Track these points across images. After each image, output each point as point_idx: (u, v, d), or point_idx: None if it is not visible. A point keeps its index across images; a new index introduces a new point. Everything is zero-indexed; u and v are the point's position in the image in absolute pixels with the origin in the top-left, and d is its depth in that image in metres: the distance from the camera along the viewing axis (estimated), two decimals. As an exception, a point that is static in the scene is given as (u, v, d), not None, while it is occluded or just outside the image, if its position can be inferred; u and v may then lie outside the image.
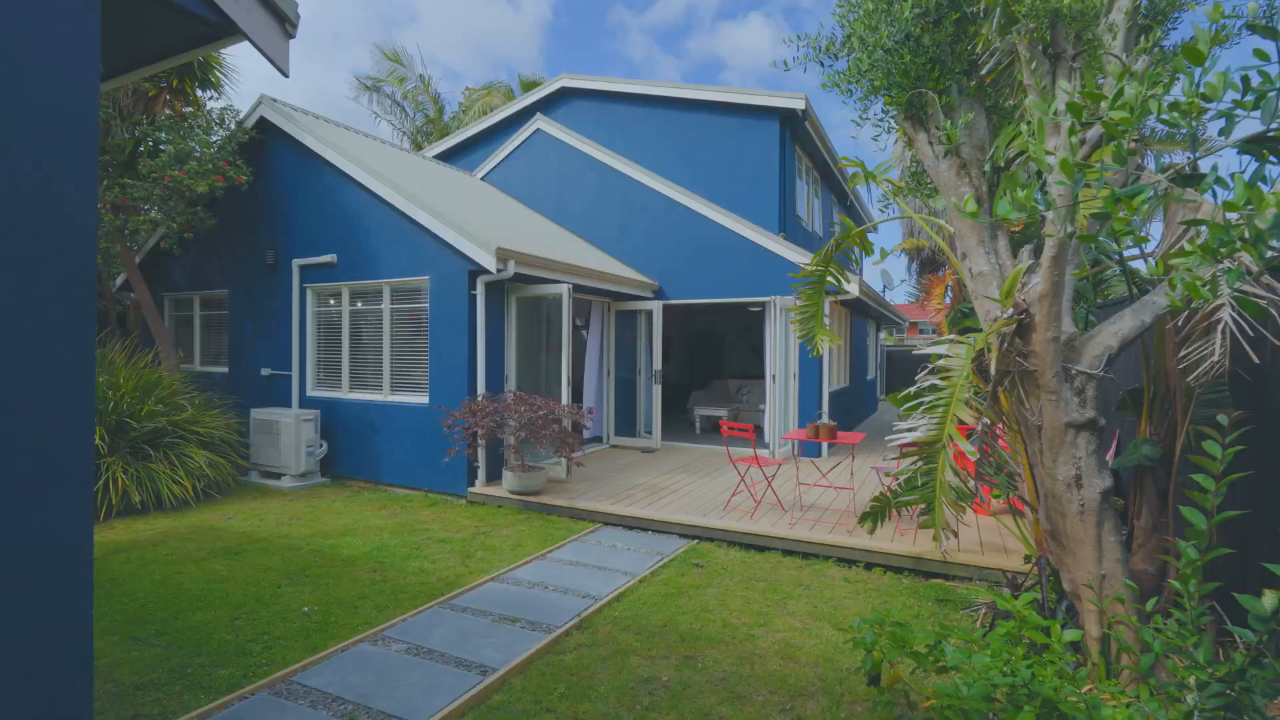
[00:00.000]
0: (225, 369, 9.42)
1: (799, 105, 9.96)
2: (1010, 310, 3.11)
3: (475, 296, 7.18)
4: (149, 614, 4.09)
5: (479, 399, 7.00)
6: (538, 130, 11.60)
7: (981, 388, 3.51)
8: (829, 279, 5.55)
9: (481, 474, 7.23)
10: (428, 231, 7.33)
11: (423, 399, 7.55)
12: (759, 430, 11.41)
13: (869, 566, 5.13)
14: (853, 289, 8.76)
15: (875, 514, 4.78)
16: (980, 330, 3.74)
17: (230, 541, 5.62)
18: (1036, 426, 3.16)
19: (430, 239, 7.34)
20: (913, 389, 3.52)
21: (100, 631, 3.84)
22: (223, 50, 8.91)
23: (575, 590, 4.51)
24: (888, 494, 4.92)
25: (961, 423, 3.12)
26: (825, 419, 5.85)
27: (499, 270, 6.91)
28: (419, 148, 18.03)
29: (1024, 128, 2.44)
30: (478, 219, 8.18)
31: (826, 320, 5.48)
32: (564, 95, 12.35)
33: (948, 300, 12.47)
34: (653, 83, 11.27)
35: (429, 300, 7.46)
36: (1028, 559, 4.45)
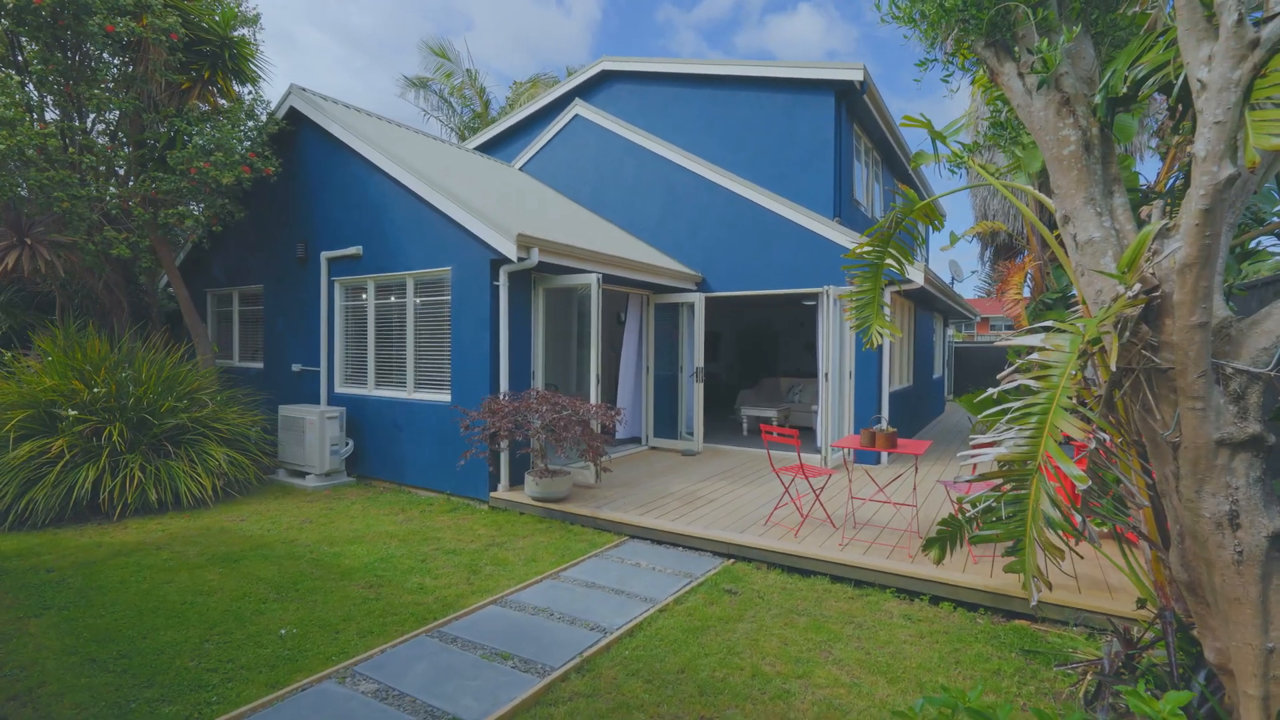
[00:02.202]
0: (261, 365, 9.34)
1: (856, 76, 9.05)
2: (1135, 287, 2.31)
3: (498, 287, 6.71)
4: (119, 631, 3.75)
5: (501, 397, 6.52)
6: (576, 116, 11.08)
7: (1084, 393, 2.72)
8: (889, 261, 4.79)
9: (504, 478, 6.75)
10: (449, 219, 6.91)
11: (445, 397, 7.14)
12: (811, 434, 10.56)
13: (935, 600, 4.32)
14: (917, 277, 7.84)
15: (943, 540, 3.98)
16: (1063, 318, 2.94)
17: (234, 546, 5.32)
18: (1171, 444, 2.35)
19: (452, 227, 6.92)
20: (994, 391, 2.75)
21: (63, 650, 3.51)
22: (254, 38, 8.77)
23: (584, 620, 3.92)
24: (958, 516, 4.11)
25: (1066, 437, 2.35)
26: (884, 424, 5.05)
27: (520, 259, 6.40)
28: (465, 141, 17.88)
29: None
30: (507, 207, 7.72)
31: (886, 310, 4.71)
32: (605, 79, 11.79)
33: (1026, 293, 11.22)
34: (697, 61, 10.56)
35: (450, 292, 7.04)
36: (1141, 604, 3.57)
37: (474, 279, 6.81)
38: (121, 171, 8.25)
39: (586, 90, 11.94)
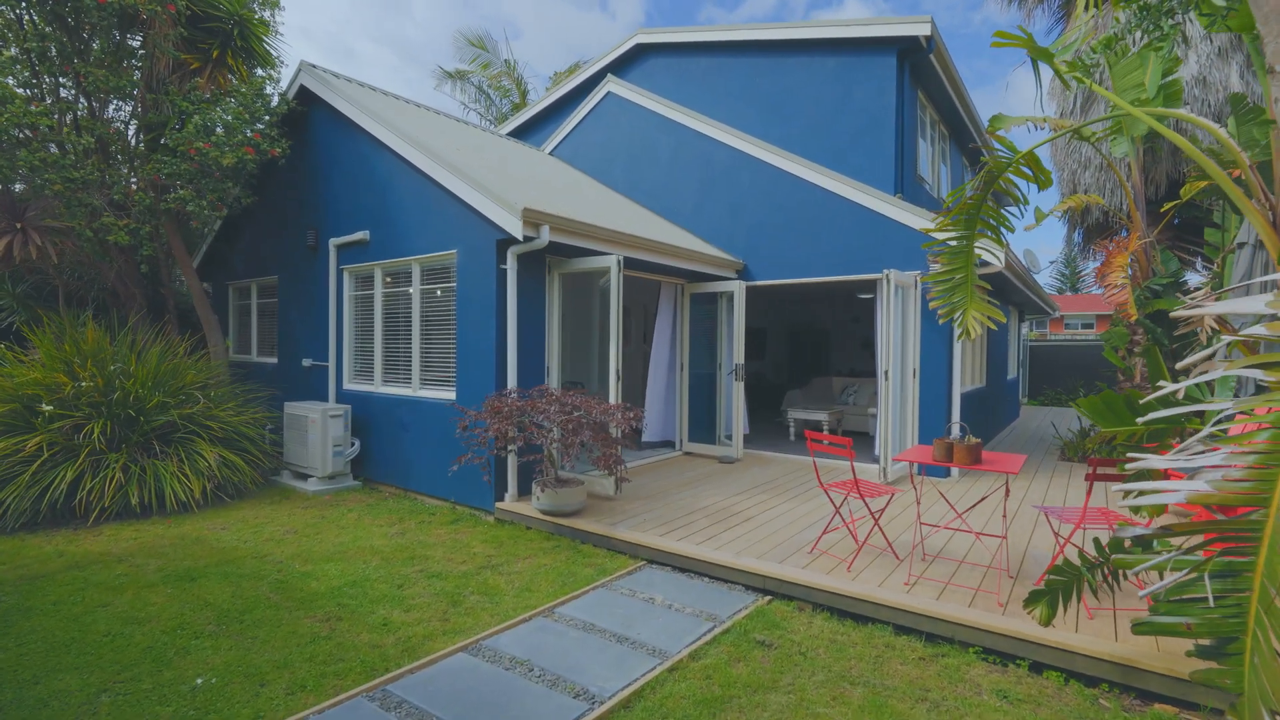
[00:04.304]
0: (275, 360, 8.90)
1: (922, 31, 7.90)
2: None
3: (505, 271, 5.94)
4: (15, 672, 3.12)
5: (508, 395, 5.74)
6: (608, 94, 10.26)
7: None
8: (982, 229, 3.80)
9: (512, 486, 5.98)
10: (454, 197, 6.19)
11: (450, 394, 6.43)
12: (867, 440, 9.41)
13: (1037, 668, 3.27)
14: (996, 259, 6.67)
15: (1054, 594, 2.94)
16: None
17: (200, 560, 4.71)
18: None
19: (457, 205, 6.20)
20: (1176, 389, 1.75)
21: (-64, 696, 2.89)
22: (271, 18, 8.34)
23: (569, 680, 3.06)
24: (1067, 558, 3.07)
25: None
26: (961, 433, 3.99)
27: (528, 238, 5.61)
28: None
29: None
30: (530, 189, 6.95)
31: (984, 296, 3.72)
32: (640, 54, 10.95)
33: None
34: (739, 26, 9.59)
35: (456, 278, 6.32)
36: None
37: (480, 263, 6.06)
38: (136, 161, 7.93)
39: (620, 67, 11.12)
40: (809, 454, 7.87)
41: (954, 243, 3.78)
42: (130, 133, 7.78)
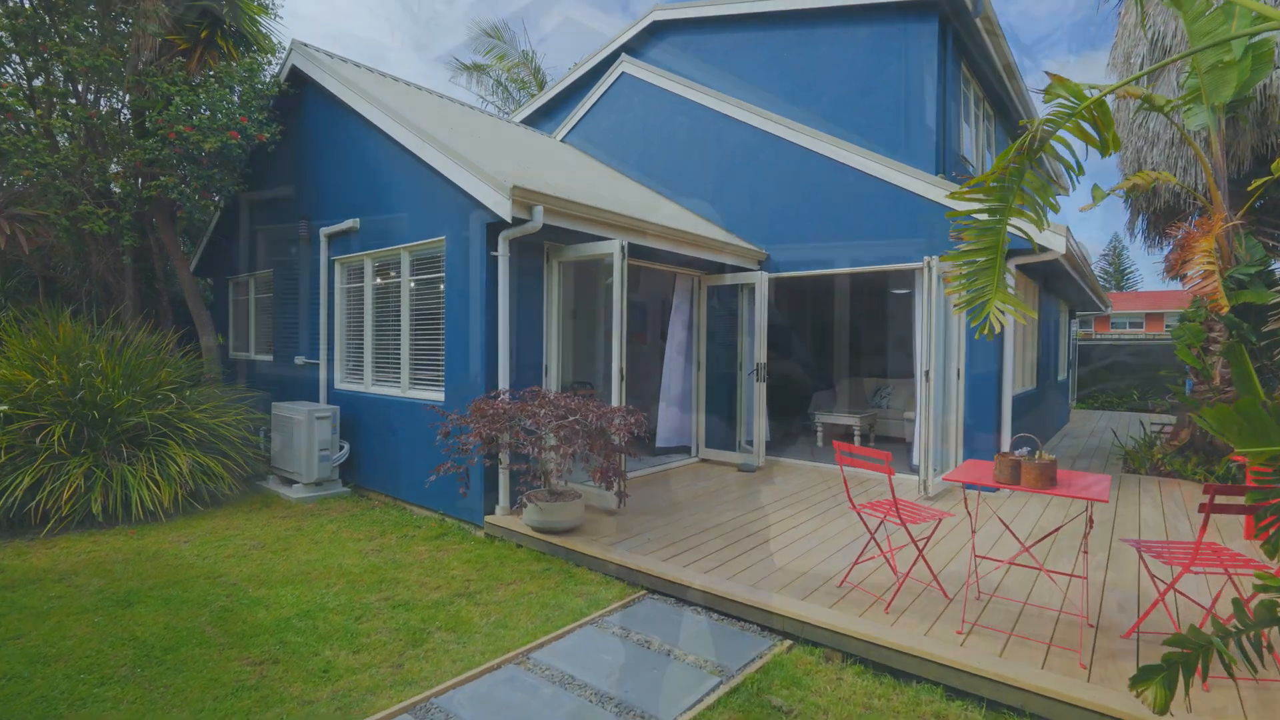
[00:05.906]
0: (271, 357, 8.48)
1: (968, -9, 7.08)
2: None
3: (496, 259, 5.33)
4: (-128, 727, 2.61)
5: (499, 397, 5.14)
6: (622, 74, 9.61)
7: None
8: (1018, 206, 3.04)
9: (503, 498, 5.38)
10: (442, 178, 5.61)
11: (439, 395, 5.86)
12: (903, 447, 8.60)
13: (1137, 756, 2.52)
14: (1056, 243, 5.83)
15: (1170, 672, 2.19)
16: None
17: (147, 580, 4.21)
18: None
19: (446, 187, 5.62)
20: None
21: None
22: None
23: (530, 761, 2.42)
24: (1202, 630, 2.31)
25: None
26: (1030, 449, 3.22)
27: (518, 220, 4.99)
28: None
29: None
30: (524, 169, 6.35)
31: (1010, 281, 2.96)
32: (657, 32, 10.28)
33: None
34: (763, -3, 8.86)
35: (445, 268, 5.75)
36: None
37: (469, 250, 5.47)
38: (121, 146, 7.55)
39: (637, 47, 10.48)
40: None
41: (983, 216, 3.03)
42: (114, 117, 7.38)
